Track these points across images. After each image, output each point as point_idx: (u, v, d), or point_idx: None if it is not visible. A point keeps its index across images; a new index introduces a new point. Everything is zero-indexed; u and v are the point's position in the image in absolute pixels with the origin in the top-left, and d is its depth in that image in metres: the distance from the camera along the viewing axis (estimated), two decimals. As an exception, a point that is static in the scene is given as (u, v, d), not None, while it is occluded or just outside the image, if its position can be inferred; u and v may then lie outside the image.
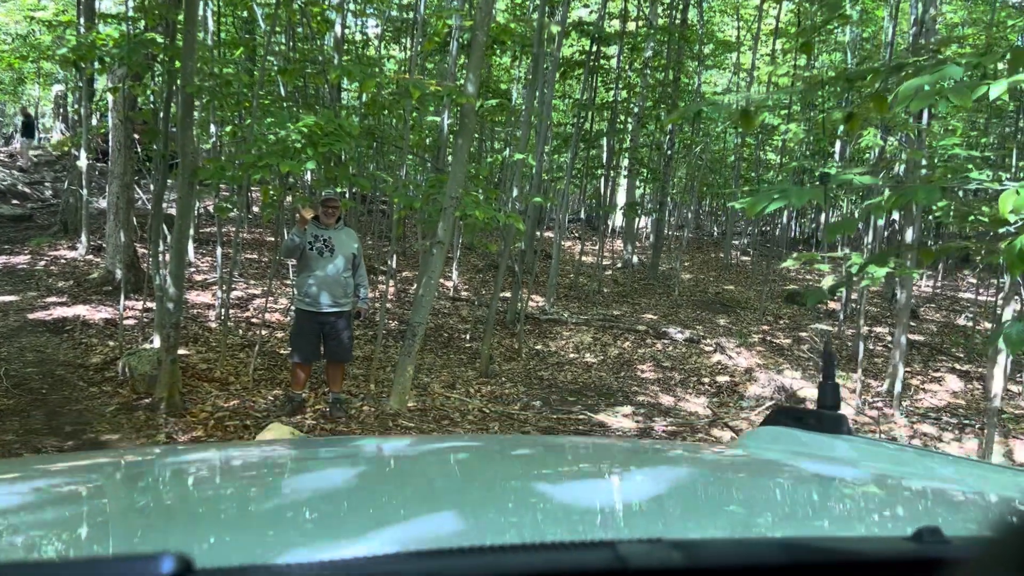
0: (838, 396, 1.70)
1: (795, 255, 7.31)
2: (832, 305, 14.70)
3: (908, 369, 8.92)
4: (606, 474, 1.44)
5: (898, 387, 7.92)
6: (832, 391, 1.68)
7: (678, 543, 0.70)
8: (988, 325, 13.16)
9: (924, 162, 6.73)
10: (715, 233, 25.34)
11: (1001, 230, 3.04)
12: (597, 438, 5.32)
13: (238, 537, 0.94)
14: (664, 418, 7.45)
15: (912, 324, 10.37)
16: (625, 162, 15.98)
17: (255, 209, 15.04)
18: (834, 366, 1.82)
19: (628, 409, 7.60)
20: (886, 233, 15.56)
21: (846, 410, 7.02)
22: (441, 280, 9.11)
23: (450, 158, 7.55)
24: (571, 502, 1.17)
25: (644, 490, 1.29)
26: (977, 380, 9.71)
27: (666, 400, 8.07)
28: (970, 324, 13.75)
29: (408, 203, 7.11)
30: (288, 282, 10.07)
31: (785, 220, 19.80)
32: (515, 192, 9.26)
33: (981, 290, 15.57)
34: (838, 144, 14.70)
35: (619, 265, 16.63)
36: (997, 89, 2.92)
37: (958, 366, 10.47)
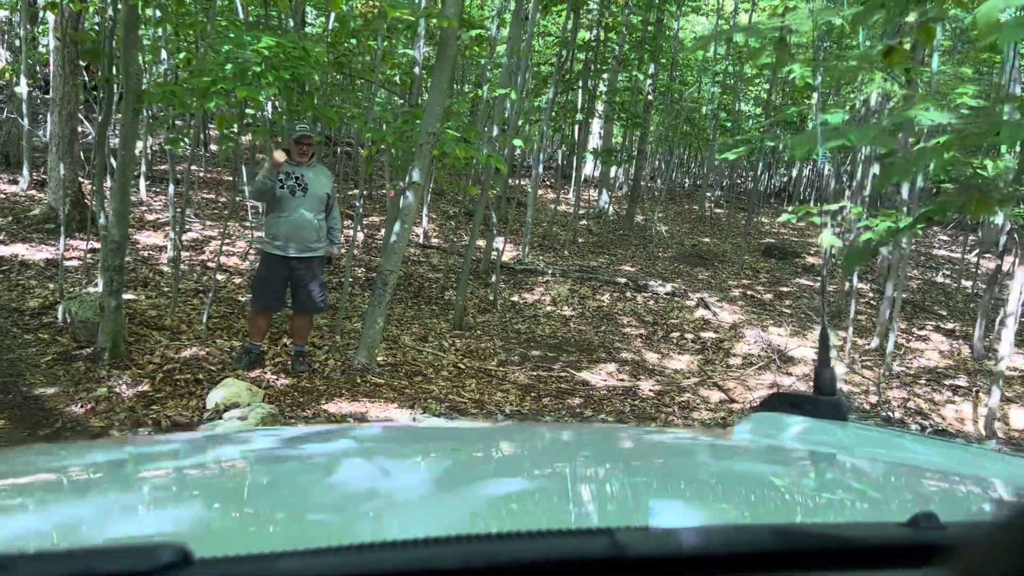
0: (835, 382, 1.64)
1: (791, 208, 6.87)
2: (810, 259, 14.41)
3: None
4: (601, 463, 1.41)
5: (890, 346, 7.56)
6: (829, 377, 1.62)
7: (674, 531, 0.71)
8: (967, 284, 12.96)
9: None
10: (687, 184, 24.91)
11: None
12: (590, 425, 5.02)
13: (233, 528, 0.93)
14: (650, 377, 7.04)
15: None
16: (601, 106, 15.38)
17: (213, 147, 14.21)
18: (829, 349, 1.78)
19: (612, 367, 7.17)
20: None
21: (838, 368, 6.67)
22: (412, 225, 8.54)
23: (426, 96, 6.93)
24: (567, 491, 1.16)
25: (639, 478, 1.28)
26: (962, 339, 9.47)
27: (651, 357, 7.65)
28: (948, 282, 13.56)
29: (380, 137, 6.50)
30: (247, 224, 9.39)
31: (759, 173, 19.40)
32: (495, 131, 8.65)
33: (955, 248, 15.39)
34: (815, 95, 14.21)
35: (595, 212, 16.16)
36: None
37: (942, 324, 10.22)
